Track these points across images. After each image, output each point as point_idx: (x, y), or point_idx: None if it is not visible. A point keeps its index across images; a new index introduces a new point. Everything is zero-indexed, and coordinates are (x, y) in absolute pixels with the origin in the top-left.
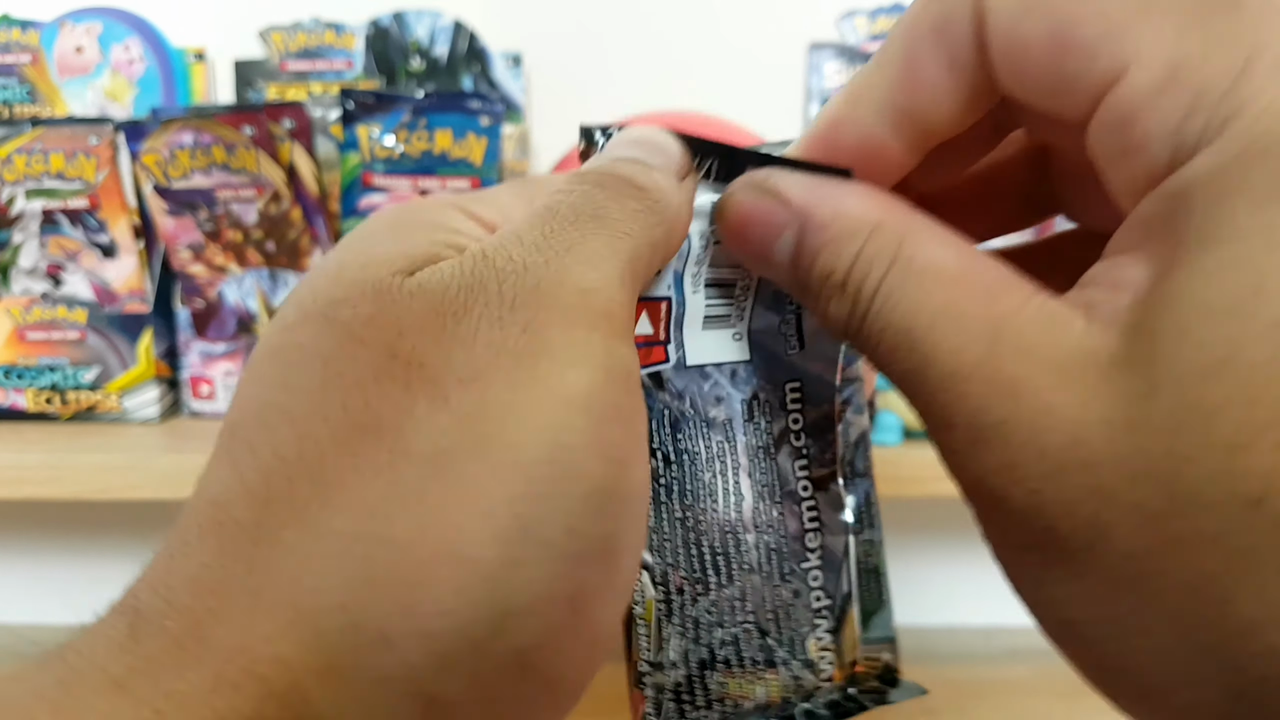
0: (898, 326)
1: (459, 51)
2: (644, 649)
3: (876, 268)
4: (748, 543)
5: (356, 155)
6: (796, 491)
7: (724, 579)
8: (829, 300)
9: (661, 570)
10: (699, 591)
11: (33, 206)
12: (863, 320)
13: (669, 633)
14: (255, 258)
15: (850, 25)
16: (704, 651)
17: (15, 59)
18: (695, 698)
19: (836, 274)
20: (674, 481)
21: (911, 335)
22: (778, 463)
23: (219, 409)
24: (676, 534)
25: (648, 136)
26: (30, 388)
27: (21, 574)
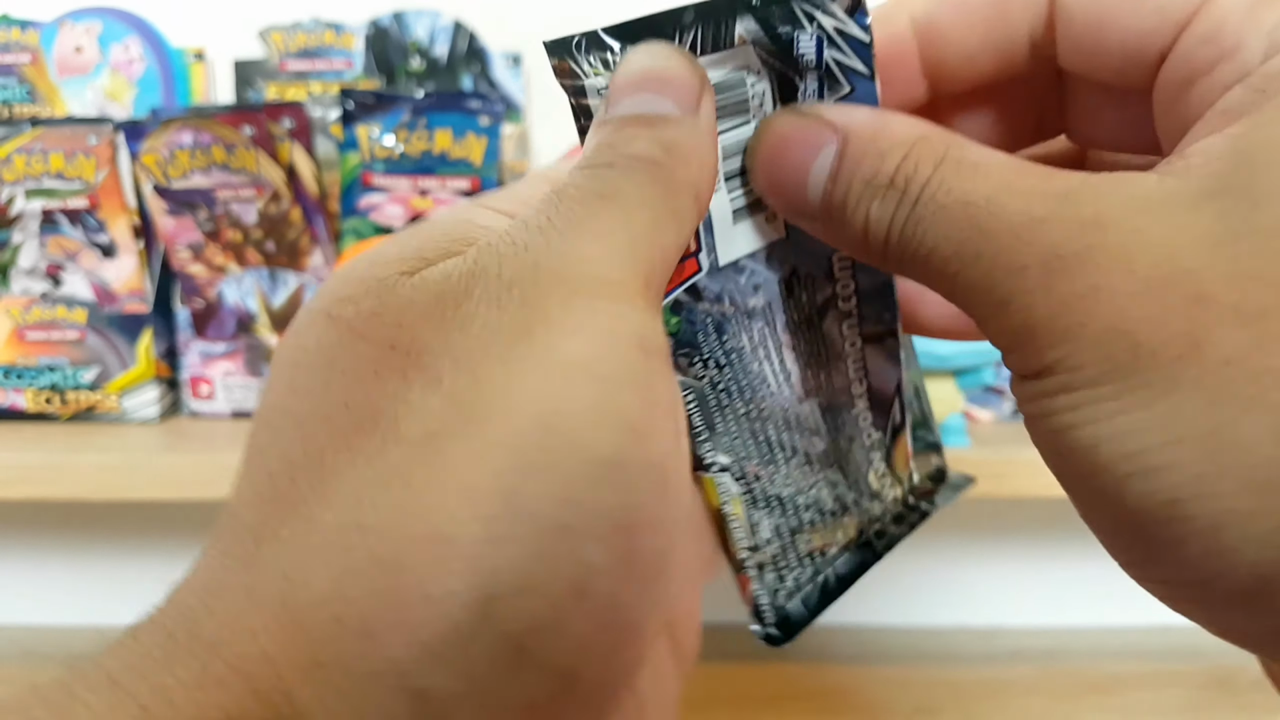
0: (956, 203)
1: (459, 51)
2: (740, 539)
3: (925, 165)
4: (804, 412)
5: (356, 155)
6: (844, 350)
7: (789, 452)
8: (870, 204)
9: (738, 466)
10: (773, 471)
11: (32, 206)
12: (911, 210)
13: (758, 517)
14: (255, 257)
15: None
16: (792, 520)
17: (15, 59)
18: (790, 561)
19: (882, 175)
20: (730, 383)
21: (969, 209)
22: (822, 331)
23: (219, 409)
24: (744, 429)
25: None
26: (30, 388)
27: (21, 574)
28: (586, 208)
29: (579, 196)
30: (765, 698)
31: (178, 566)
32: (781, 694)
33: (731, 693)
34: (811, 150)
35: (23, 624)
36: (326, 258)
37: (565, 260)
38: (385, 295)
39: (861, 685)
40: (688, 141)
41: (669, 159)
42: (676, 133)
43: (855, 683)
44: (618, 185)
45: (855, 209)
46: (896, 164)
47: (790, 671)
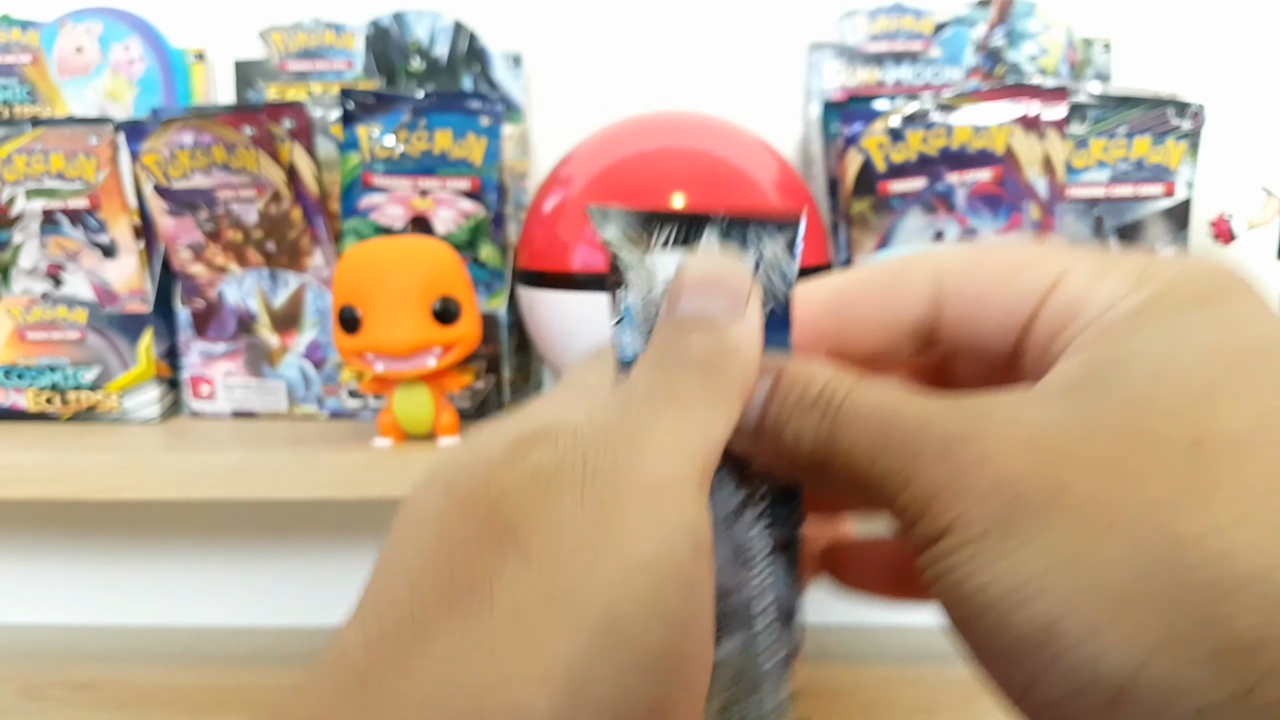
0: (868, 411)
1: (459, 51)
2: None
3: (842, 387)
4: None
5: (357, 155)
6: (755, 556)
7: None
8: (800, 419)
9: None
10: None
11: (33, 206)
12: (834, 419)
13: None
14: (255, 258)
15: (850, 25)
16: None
17: (15, 59)
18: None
19: (809, 396)
20: None
21: (879, 413)
22: (734, 532)
23: (219, 409)
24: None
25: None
26: (30, 388)
27: (22, 574)
28: (652, 410)
29: (646, 397)
30: None
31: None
32: None
33: None
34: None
35: (24, 623)
36: (327, 258)
37: (637, 461)
38: (492, 471)
39: (862, 685)
40: (736, 342)
41: (720, 360)
42: (726, 335)
43: (855, 682)
44: (679, 388)
45: (787, 424)
46: (820, 388)
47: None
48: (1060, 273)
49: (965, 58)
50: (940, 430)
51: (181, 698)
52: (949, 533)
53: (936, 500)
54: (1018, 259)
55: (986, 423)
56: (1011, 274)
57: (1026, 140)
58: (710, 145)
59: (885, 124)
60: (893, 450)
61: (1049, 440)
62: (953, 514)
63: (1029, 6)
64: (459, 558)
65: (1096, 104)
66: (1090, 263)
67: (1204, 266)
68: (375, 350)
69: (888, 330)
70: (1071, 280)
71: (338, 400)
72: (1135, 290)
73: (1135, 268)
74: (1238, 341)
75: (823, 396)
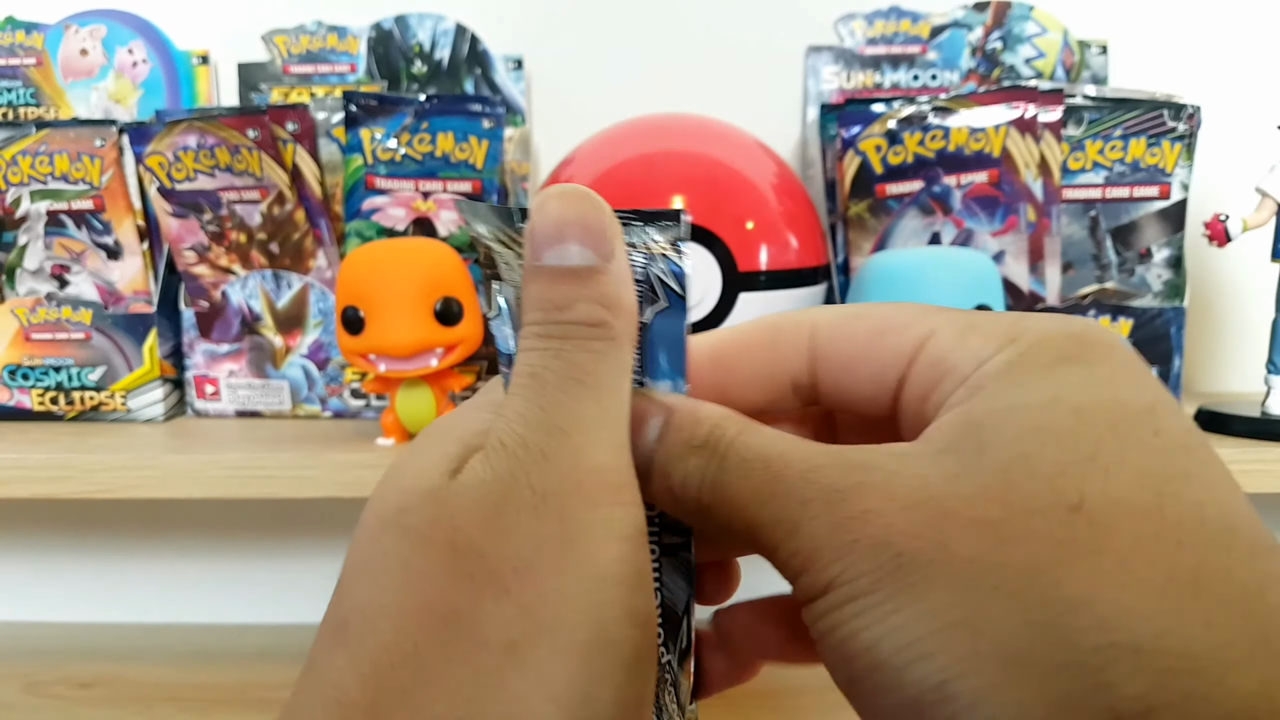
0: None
1: (461, 55)
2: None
3: (730, 430)
4: None
5: (359, 158)
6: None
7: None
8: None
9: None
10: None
11: (38, 208)
12: (720, 464)
13: None
14: (259, 259)
15: (848, 28)
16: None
17: (20, 61)
18: None
19: (698, 437)
20: None
21: (765, 461)
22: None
23: (223, 408)
24: None
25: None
26: (35, 388)
27: (26, 572)
28: (570, 396)
29: (559, 384)
30: (764, 694)
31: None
32: (779, 691)
33: (730, 690)
34: (642, 420)
35: (28, 621)
36: (330, 259)
37: (580, 472)
38: (437, 502)
39: None
40: (614, 292)
41: (608, 316)
42: (605, 286)
43: None
44: (583, 366)
45: (675, 466)
46: (709, 430)
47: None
48: (927, 333)
49: (962, 61)
50: (825, 481)
51: (185, 695)
52: (833, 587)
53: (820, 554)
54: (885, 320)
55: (870, 477)
56: (880, 335)
57: (1023, 142)
58: (709, 147)
59: (882, 126)
60: (778, 499)
61: (930, 498)
62: (836, 569)
63: (1025, 10)
64: (434, 595)
65: (1092, 106)
66: (956, 322)
67: (1070, 325)
68: (378, 351)
69: (769, 387)
70: (937, 340)
71: (340, 400)
72: (1003, 349)
73: (1001, 327)
74: (1111, 401)
75: (710, 438)
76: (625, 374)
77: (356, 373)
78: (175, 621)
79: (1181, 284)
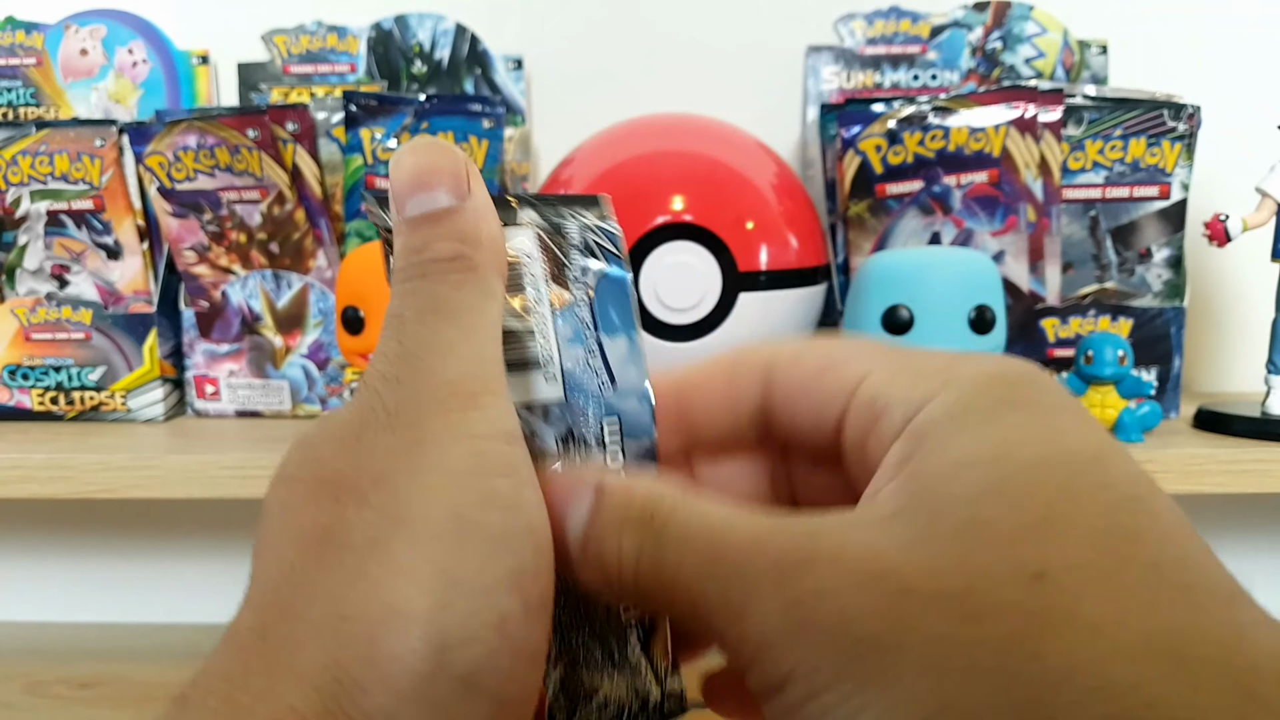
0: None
1: (461, 54)
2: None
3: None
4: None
5: (359, 158)
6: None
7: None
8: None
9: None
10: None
11: (38, 208)
12: (658, 538)
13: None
14: (259, 259)
15: (847, 28)
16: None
17: (20, 61)
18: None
19: (632, 510)
20: None
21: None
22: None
23: (223, 408)
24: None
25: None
26: (36, 388)
27: (27, 573)
28: (428, 327)
29: (416, 317)
30: None
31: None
32: None
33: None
34: (571, 499)
35: (28, 621)
36: (330, 259)
37: (432, 384)
38: (305, 447)
39: None
40: (473, 227)
41: (466, 249)
42: (462, 223)
43: None
44: (441, 297)
45: (609, 543)
46: (643, 502)
47: None
48: (863, 372)
49: (962, 61)
50: (774, 551)
51: None
52: (790, 681)
53: (773, 642)
54: (829, 357)
55: (818, 546)
56: (822, 371)
57: (1023, 142)
58: (709, 147)
59: (882, 126)
60: (722, 576)
61: (886, 572)
62: (791, 660)
63: (1025, 10)
64: (304, 518)
65: (1092, 106)
66: (890, 363)
67: (1004, 367)
68: None
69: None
70: (872, 380)
71: (340, 400)
72: (938, 393)
73: (934, 368)
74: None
75: (645, 511)
76: (489, 298)
77: (356, 373)
78: (175, 621)
79: (1181, 284)
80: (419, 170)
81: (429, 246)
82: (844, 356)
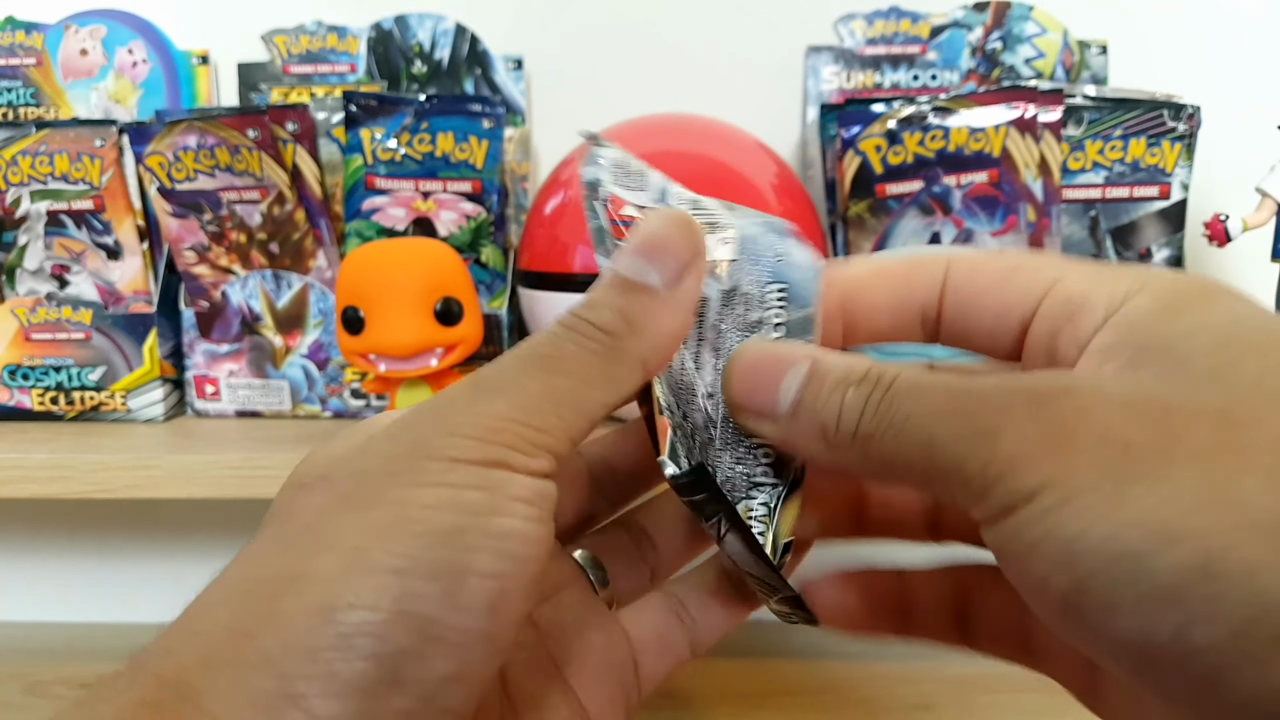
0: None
1: (461, 55)
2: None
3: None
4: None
5: (359, 158)
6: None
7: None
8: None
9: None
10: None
11: (38, 208)
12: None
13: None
14: (259, 259)
15: (848, 29)
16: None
17: (20, 61)
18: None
19: (855, 373)
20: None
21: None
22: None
23: (223, 408)
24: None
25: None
26: (35, 388)
27: (27, 572)
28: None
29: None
30: (763, 694)
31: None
32: (780, 690)
33: (729, 689)
34: (784, 367)
35: (28, 621)
36: (330, 260)
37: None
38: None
39: (859, 681)
40: (649, 316)
41: (625, 330)
42: (646, 307)
43: (853, 679)
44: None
45: (829, 400)
46: (866, 368)
47: (788, 668)
48: (1057, 275)
49: (962, 61)
50: (1027, 388)
51: None
52: (1044, 489)
53: (1025, 458)
54: (1017, 262)
55: (1075, 381)
56: (1011, 273)
57: (1023, 143)
58: (709, 148)
59: (883, 126)
60: (967, 411)
61: (1146, 397)
62: (1048, 470)
63: (1025, 10)
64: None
65: (1092, 106)
66: (1084, 269)
67: (1189, 276)
68: (378, 351)
69: (897, 316)
70: (1068, 283)
71: (340, 400)
72: (1136, 293)
73: (1130, 274)
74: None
75: (871, 375)
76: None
77: (356, 373)
78: None
79: None
80: (655, 237)
81: (597, 307)
82: (1034, 262)
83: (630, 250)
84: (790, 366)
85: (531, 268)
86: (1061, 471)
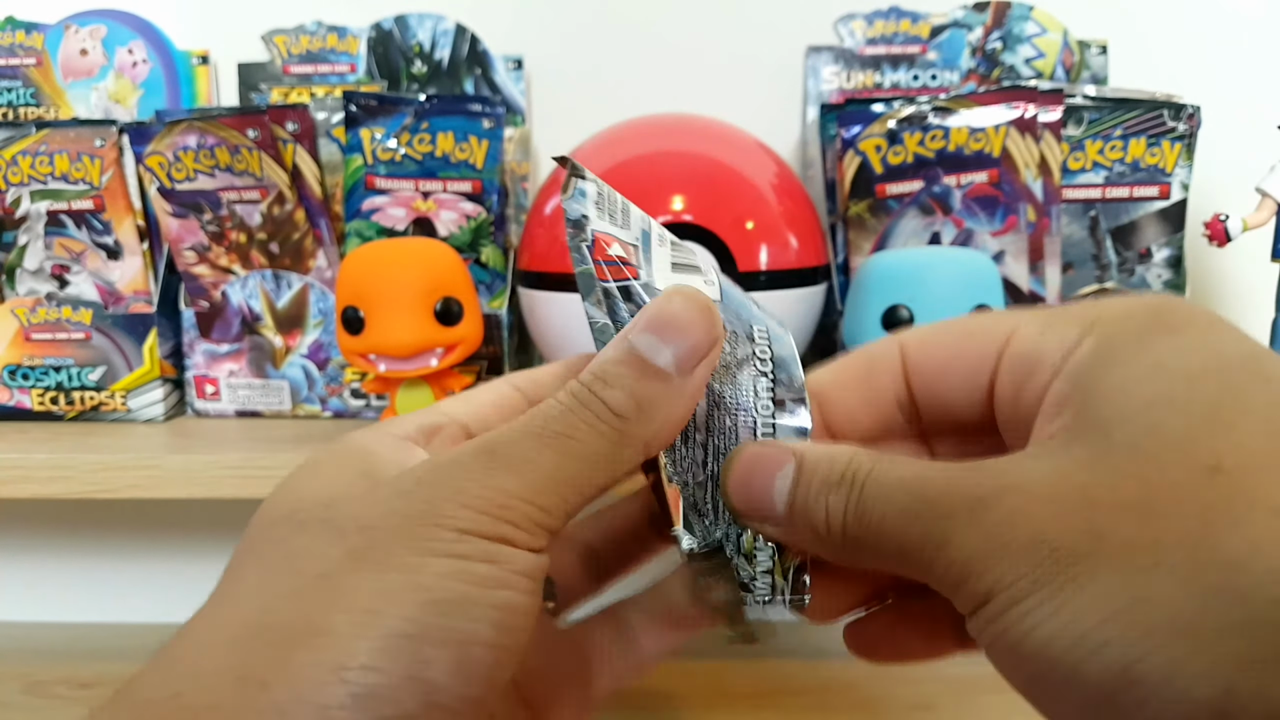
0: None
1: (461, 55)
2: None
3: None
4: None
5: (359, 158)
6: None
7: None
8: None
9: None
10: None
11: (38, 208)
12: (860, 494)
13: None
14: (259, 259)
15: (848, 29)
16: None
17: (20, 61)
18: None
19: (834, 474)
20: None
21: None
22: (738, 379)
23: (223, 408)
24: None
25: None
26: (35, 388)
27: (27, 572)
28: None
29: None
30: (763, 694)
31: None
32: (779, 690)
33: (729, 689)
34: (775, 467)
35: (28, 621)
36: (330, 259)
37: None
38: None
39: (859, 681)
40: (661, 403)
41: (635, 415)
42: (657, 393)
43: (853, 679)
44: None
45: (816, 504)
46: (844, 466)
47: (788, 668)
48: (1009, 331)
49: (962, 61)
50: (967, 490)
51: None
52: (993, 594)
53: (973, 564)
54: (969, 326)
55: (1007, 480)
56: (965, 339)
57: (1023, 142)
58: (709, 148)
59: (883, 126)
60: (922, 518)
61: (1070, 490)
62: (992, 576)
63: (1025, 10)
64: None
65: (1092, 106)
66: (1034, 318)
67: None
68: (378, 351)
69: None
70: (1020, 336)
71: (340, 400)
72: (1087, 334)
73: (1079, 314)
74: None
75: (846, 475)
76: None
77: (356, 373)
78: (175, 621)
79: (1181, 284)
80: (677, 320)
81: (612, 385)
82: (982, 324)
83: (650, 326)
84: (779, 470)
85: (531, 268)
86: (1005, 576)
